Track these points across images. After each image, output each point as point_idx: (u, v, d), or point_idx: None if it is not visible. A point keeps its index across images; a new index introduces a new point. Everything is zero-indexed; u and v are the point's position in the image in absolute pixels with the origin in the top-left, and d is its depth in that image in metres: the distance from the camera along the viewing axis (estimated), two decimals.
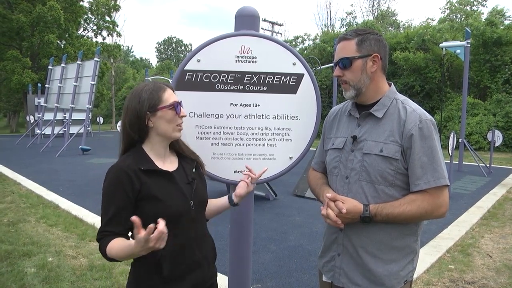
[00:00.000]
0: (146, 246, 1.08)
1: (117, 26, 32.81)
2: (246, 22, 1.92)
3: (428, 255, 3.91)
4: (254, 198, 2.10)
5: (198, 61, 1.85)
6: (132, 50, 70.22)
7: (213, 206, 1.59)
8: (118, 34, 33.33)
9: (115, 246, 1.23)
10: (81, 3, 28.42)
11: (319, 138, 1.82)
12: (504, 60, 17.05)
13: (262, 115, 1.91)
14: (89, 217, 5.25)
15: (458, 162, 10.01)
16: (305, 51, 26.27)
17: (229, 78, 1.87)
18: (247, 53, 1.87)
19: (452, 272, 3.58)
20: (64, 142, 13.94)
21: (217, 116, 1.89)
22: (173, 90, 1.43)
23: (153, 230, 1.06)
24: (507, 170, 10.15)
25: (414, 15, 75.02)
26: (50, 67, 17.56)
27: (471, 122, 16.05)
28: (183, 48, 66.53)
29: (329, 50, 23.37)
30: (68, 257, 3.79)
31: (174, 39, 66.70)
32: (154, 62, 70.49)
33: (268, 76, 1.89)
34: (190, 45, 66.75)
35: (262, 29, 31.85)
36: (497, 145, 11.23)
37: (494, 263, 3.80)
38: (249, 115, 1.90)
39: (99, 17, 31.36)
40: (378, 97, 1.45)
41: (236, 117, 1.89)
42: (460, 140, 9.62)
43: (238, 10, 1.95)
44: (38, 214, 5.39)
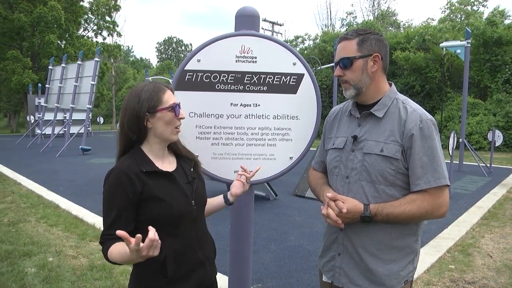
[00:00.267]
0: (139, 255, 1.07)
1: (117, 26, 32.87)
2: (246, 22, 1.92)
3: (428, 255, 3.91)
4: (254, 198, 2.10)
5: (198, 61, 1.85)
6: (132, 50, 70.28)
7: (209, 205, 1.59)
8: (119, 34, 33.35)
9: (115, 251, 1.22)
10: (81, 3, 28.45)
11: (319, 138, 1.82)
12: (504, 60, 17.04)
13: (262, 115, 1.91)
14: (89, 217, 5.25)
15: (458, 162, 10.01)
16: (305, 51, 26.27)
17: (229, 78, 1.87)
18: (247, 53, 1.87)
19: (452, 272, 3.58)
20: (64, 142, 13.95)
21: (217, 116, 1.89)
22: (172, 92, 1.42)
23: (142, 239, 1.04)
24: (508, 170, 10.14)
25: (414, 15, 75.07)
26: (50, 67, 17.56)
27: (472, 122, 16.04)
28: (183, 48, 66.56)
29: (329, 50, 23.37)
30: (68, 257, 3.79)
31: (175, 39, 66.74)
32: (154, 62, 70.64)
33: (268, 76, 1.89)
34: (190, 45, 66.89)
35: (263, 29, 31.85)
36: (497, 145, 11.23)
37: (495, 263, 3.80)
38: (249, 115, 1.90)
39: (100, 17, 31.38)
40: (379, 97, 1.45)
41: (236, 117, 1.89)
42: (460, 140, 9.61)
43: (238, 10, 1.95)
44: (38, 214, 5.39)
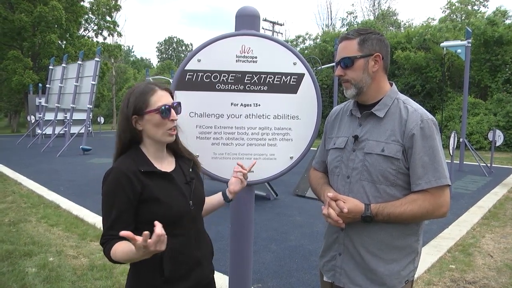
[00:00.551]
0: (147, 251, 1.07)
1: (117, 26, 32.85)
2: (247, 22, 1.92)
3: (429, 255, 3.91)
4: (254, 198, 2.10)
5: (199, 61, 1.85)
6: (132, 50, 70.28)
7: (207, 203, 1.59)
8: (119, 34, 33.34)
9: (119, 250, 1.22)
10: (82, 3, 28.45)
11: (320, 138, 1.82)
12: (504, 59, 17.02)
13: (263, 115, 1.90)
14: (90, 217, 5.25)
15: (459, 162, 9.99)
16: (306, 51, 26.27)
17: (229, 78, 1.87)
18: (248, 53, 1.86)
19: (453, 272, 3.58)
20: (65, 142, 13.96)
21: (217, 116, 1.88)
22: (169, 91, 1.40)
23: (150, 236, 1.05)
24: (508, 170, 10.13)
25: (414, 15, 74.94)
26: (51, 67, 17.56)
27: (472, 121, 16.03)
28: (184, 48, 66.59)
29: (330, 49, 23.36)
30: (69, 257, 3.79)
31: (175, 39, 66.77)
32: (155, 62, 70.60)
33: (268, 76, 1.88)
34: (191, 45, 66.89)
35: (263, 29, 31.84)
36: (498, 144, 11.22)
37: (495, 263, 3.79)
38: (249, 115, 1.90)
39: (100, 17, 31.38)
40: (380, 96, 1.45)
41: (236, 117, 1.89)
42: (461, 139, 9.61)
43: (238, 10, 1.94)
44: (39, 214, 5.40)
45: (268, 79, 1.88)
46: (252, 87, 1.88)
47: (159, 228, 1.06)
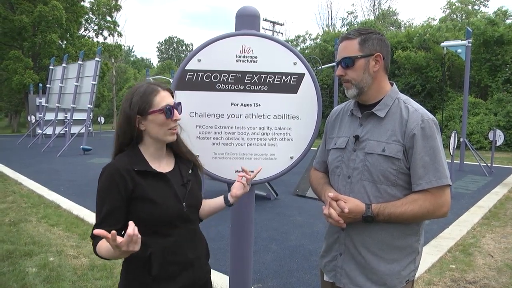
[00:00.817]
0: (120, 250, 1.09)
1: (118, 26, 32.83)
2: (247, 21, 1.92)
3: (429, 255, 3.90)
4: (255, 198, 2.10)
5: (199, 61, 1.85)
6: (133, 50, 70.26)
7: (208, 206, 1.58)
8: (119, 34, 33.32)
9: (103, 247, 1.24)
10: (82, 3, 28.45)
11: (320, 138, 1.82)
12: (504, 59, 17.01)
13: (263, 115, 1.90)
14: (90, 217, 5.25)
15: (459, 162, 9.99)
16: (306, 51, 26.27)
17: (229, 77, 1.86)
18: (248, 52, 1.86)
19: (453, 271, 3.57)
20: (65, 142, 13.97)
21: (218, 116, 1.88)
22: (171, 92, 1.41)
23: (115, 236, 1.06)
24: (509, 170, 10.13)
25: (415, 15, 74.89)
26: (51, 67, 17.55)
27: (472, 121, 16.02)
28: (184, 48, 66.58)
29: (330, 49, 23.35)
30: (69, 256, 3.79)
31: (175, 39, 66.76)
32: (155, 62, 70.63)
33: (269, 75, 1.88)
34: (191, 44, 66.88)
35: (263, 28, 31.84)
36: (498, 144, 11.21)
37: (496, 263, 3.79)
38: (250, 115, 1.90)
39: (100, 17, 31.37)
40: (380, 96, 1.45)
41: (237, 116, 1.89)
42: (461, 139, 9.60)
43: (238, 10, 1.94)
44: (39, 214, 5.40)
45: (268, 79, 1.88)
46: (252, 87, 1.88)
47: (131, 228, 1.07)
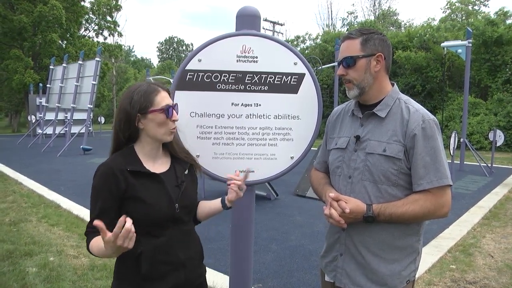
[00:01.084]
0: (114, 246, 1.10)
1: (118, 26, 32.82)
2: (247, 21, 1.92)
3: (429, 255, 3.90)
4: (255, 198, 2.10)
5: (199, 61, 1.85)
6: (133, 50, 70.21)
7: (206, 208, 1.57)
8: (119, 34, 33.30)
9: (95, 245, 1.26)
10: (82, 3, 28.44)
11: (321, 138, 1.82)
12: (504, 59, 17.00)
13: (263, 115, 1.90)
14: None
15: (459, 162, 9.99)
16: (306, 51, 26.26)
17: (230, 78, 1.86)
18: (248, 52, 1.86)
19: (453, 272, 3.57)
20: (65, 142, 13.96)
21: (218, 116, 1.88)
22: (168, 93, 1.41)
23: (119, 232, 1.07)
24: (509, 170, 10.12)
25: (415, 15, 74.82)
26: (51, 67, 17.55)
27: (472, 121, 16.01)
28: (184, 48, 66.57)
29: (330, 49, 23.34)
30: (69, 256, 3.79)
31: (175, 39, 66.74)
32: (155, 62, 70.54)
33: (269, 75, 1.88)
34: (192, 44, 66.86)
35: (263, 28, 31.85)
36: (498, 144, 11.20)
37: (496, 263, 3.79)
38: (250, 115, 1.90)
39: (101, 17, 31.36)
40: (381, 96, 1.45)
41: (237, 117, 1.89)
42: (461, 139, 9.60)
43: (239, 10, 1.94)
44: (39, 213, 5.40)
45: (268, 79, 1.88)
46: (252, 87, 1.88)
47: (129, 223, 1.08)
